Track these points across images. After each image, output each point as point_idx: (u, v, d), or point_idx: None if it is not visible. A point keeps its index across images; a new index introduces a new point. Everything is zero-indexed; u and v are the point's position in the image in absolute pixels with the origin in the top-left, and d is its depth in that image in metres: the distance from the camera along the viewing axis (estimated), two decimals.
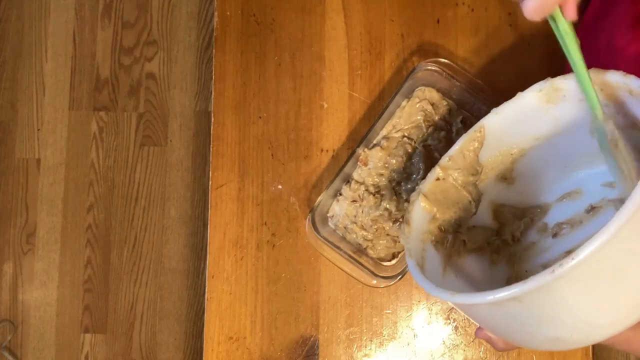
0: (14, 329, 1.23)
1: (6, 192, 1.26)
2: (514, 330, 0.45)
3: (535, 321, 0.42)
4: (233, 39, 0.72)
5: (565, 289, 0.39)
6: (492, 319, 0.46)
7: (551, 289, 0.39)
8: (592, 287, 0.40)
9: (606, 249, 0.37)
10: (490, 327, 0.48)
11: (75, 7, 1.29)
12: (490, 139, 0.57)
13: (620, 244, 0.38)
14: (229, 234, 0.70)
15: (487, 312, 0.45)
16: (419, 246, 0.56)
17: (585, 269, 0.38)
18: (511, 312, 0.43)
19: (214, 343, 0.69)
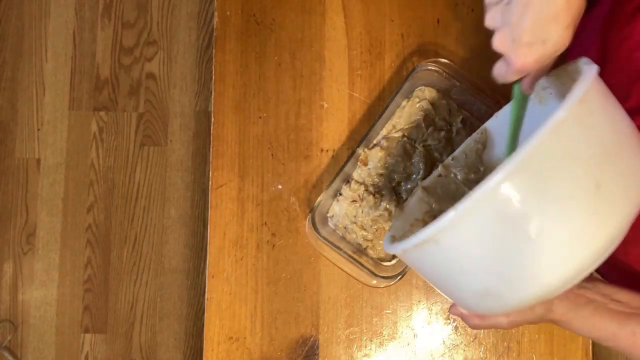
0: (14, 329, 1.23)
1: (6, 192, 1.26)
2: (443, 279, 0.46)
3: (455, 266, 0.43)
4: (233, 39, 0.72)
5: (475, 228, 0.39)
6: (425, 265, 0.46)
7: (460, 229, 0.40)
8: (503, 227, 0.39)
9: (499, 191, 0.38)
10: (427, 277, 0.48)
11: (75, 7, 1.29)
12: (493, 140, 0.59)
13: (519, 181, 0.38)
14: (229, 234, 0.70)
15: (418, 259, 0.46)
16: (405, 227, 0.57)
17: (487, 207, 0.38)
18: (434, 257, 0.43)
19: (214, 343, 0.69)
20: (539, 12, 0.43)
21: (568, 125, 0.39)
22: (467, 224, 0.39)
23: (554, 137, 0.38)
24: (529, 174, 0.38)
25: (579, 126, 0.39)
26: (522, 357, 0.68)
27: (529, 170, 0.38)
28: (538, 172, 0.38)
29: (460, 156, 0.60)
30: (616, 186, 0.40)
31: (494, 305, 0.43)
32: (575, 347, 0.67)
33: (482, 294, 0.43)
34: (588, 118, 0.40)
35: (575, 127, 0.39)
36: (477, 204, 0.38)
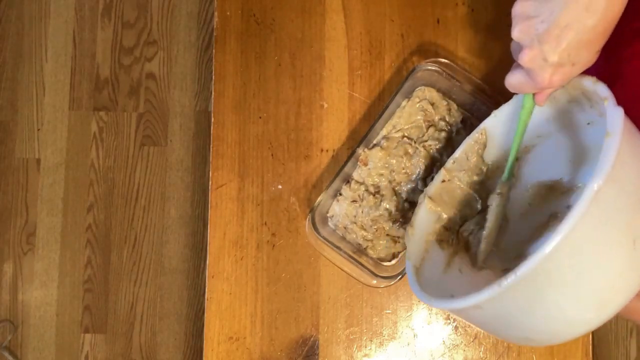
0: (14, 329, 1.23)
1: (6, 192, 1.26)
2: (489, 328, 0.50)
3: (500, 324, 0.46)
4: (233, 39, 0.72)
5: (514, 298, 0.42)
6: (471, 320, 0.50)
7: (502, 297, 0.42)
8: (541, 294, 0.42)
9: (547, 262, 0.40)
10: (474, 325, 0.53)
11: (75, 7, 1.29)
12: (493, 139, 0.59)
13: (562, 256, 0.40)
14: (229, 234, 0.70)
15: (463, 314, 0.49)
16: (421, 247, 0.58)
17: (528, 281, 0.41)
18: (479, 316, 0.47)
19: (214, 343, 0.69)
20: (577, 37, 0.43)
21: (604, 191, 0.39)
22: (511, 294, 0.42)
23: (593, 207, 0.39)
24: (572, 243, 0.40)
25: (614, 186, 0.40)
26: (522, 357, 0.68)
27: (570, 241, 0.39)
28: (577, 245, 0.40)
29: (461, 158, 0.60)
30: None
31: (535, 344, 0.51)
32: (575, 347, 0.67)
33: (525, 340, 0.48)
34: (621, 173, 0.41)
35: (610, 189, 0.40)
36: (519, 280, 0.40)
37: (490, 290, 0.41)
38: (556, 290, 0.41)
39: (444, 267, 0.58)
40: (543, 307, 0.42)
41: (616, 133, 0.41)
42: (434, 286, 0.55)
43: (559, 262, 0.40)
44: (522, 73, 0.48)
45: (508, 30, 0.47)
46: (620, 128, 0.41)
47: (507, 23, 0.72)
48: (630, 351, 1.18)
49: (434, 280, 0.56)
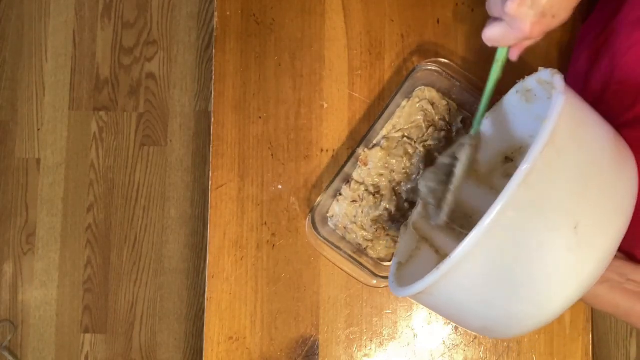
0: (14, 329, 1.23)
1: (6, 192, 1.26)
2: (448, 315, 0.50)
3: (455, 310, 0.46)
4: (233, 39, 0.72)
5: (455, 284, 0.42)
6: (428, 305, 0.50)
7: (442, 285, 0.42)
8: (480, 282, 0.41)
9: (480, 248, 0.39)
10: (434, 311, 0.51)
11: (75, 7, 1.29)
12: (486, 141, 0.59)
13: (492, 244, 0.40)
14: (229, 234, 0.70)
15: (421, 301, 0.49)
16: (412, 245, 0.59)
17: (466, 266, 0.40)
18: (434, 303, 0.47)
19: (214, 343, 0.69)
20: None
21: (537, 174, 0.39)
22: (451, 282, 0.42)
23: (523, 190, 0.39)
24: (504, 229, 0.39)
25: (548, 171, 0.40)
26: (522, 357, 0.68)
27: (502, 227, 0.39)
28: (513, 226, 0.39)
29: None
30: (593, 222, 0.41)
31: (491, 335, 0.47)
32: (576, 347, 0.67)
33: (483, 330, 0.47)
34: (558, 159, 0.40)
35: (544, 173, 0.40)
36: (456, 264, 0.40)
37: (430, 277, 0.42)
38: (495, 278, 0.41)
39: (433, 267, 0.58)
40: (486, 295, 0.42)
41: (550, 119, 0.41)
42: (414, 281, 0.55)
43: (494, 247, 0.40)
44: (502, 25, 0.48)
45: None
46: (556, 113, 0.41)
47: None
48: (630, 351, 1.18)
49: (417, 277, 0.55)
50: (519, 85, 0.55)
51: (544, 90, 0.52)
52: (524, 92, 0.55)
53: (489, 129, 0.59)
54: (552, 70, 0.48)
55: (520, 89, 0.55)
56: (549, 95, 0.51)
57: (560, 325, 0.68)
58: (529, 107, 0.55)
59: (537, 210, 0.40)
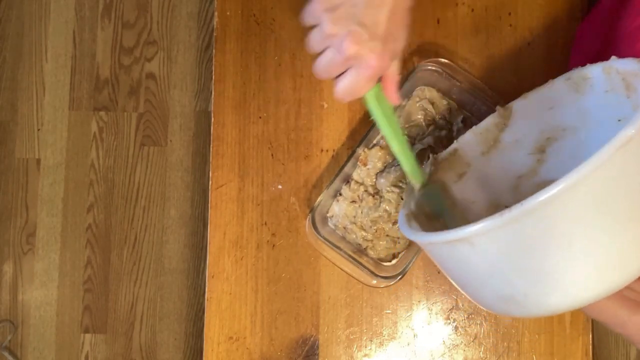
0: (14, 329, 1.23)
1: (6, 192, 1.26)
2: (468, 278, 0.44)
3: (486, 269, 0.41)
4: (233, 39, 0.72)
5: (514, 238, 0.37)
6: (450, 263, 0.45)
7: (500, 233, 0.38)
8: (542, 242, 0.37)
9: (558, 203, 0.35)
10: (449, 272, 0.47)
11: (75, 7, 1.29)
12: (517, 121, 0.57)
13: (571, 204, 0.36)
14: (229, 234, 0.70)
15: (445, 253, 0.44)
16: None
17: (535, 219, 0.36)
18: (463, 256, 0.41)
19: (214, 343, 0.69)
20: (392, 9, 0.43)
21: (634, 146, 0.36)
22: (509, 232, 0.37)
23: (619, 156, 0.35)
24: (585, 192, 0.36)
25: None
26: (522, 357, 0.68)
27: (585, 188, 0.36)
28: (594, 191, 0.36)
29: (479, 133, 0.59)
30: None
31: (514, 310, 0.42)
32: (575, 347, 0.67)
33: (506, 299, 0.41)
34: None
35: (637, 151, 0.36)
36: (525, 214, 0.36)
37: (490, 220, 0.37)
38: (557, 245, 0.37)
39: None
40: (537, 262, 0.38)
41: None
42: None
43: (567, 210, 0.36)
44: (350, 72, 0.45)
45: (508, 30, 0.47)
46: None
47: (508, 23, 0.72)
48: (630, 351, 1.18)
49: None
50: (573, 73, 0.52)
51: (606, 81, 0.49)
52: (579, 81, 0.51)
53: (522, 110, 0.57)
54: (637, 59, 0.45)
55: (574, 76, 0.52)
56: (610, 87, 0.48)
57: (560, 325, 0.68)
58: (576, 98, 0.52)
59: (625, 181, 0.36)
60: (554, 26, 0.70)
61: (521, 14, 0.71)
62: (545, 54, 0.70)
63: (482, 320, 0.68)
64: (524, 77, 0.70)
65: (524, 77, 0.70)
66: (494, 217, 0.37)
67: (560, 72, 0.53)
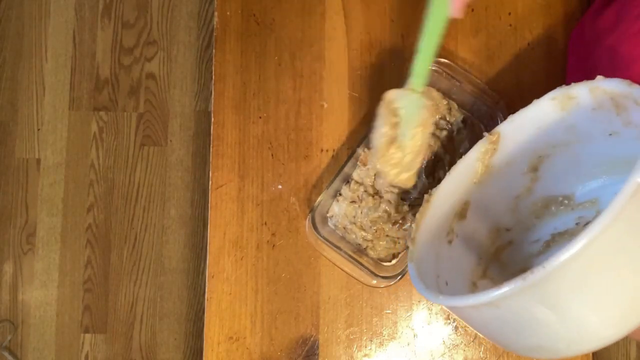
0: (14, 329, 1.23)
1: (6, 192, 1.26)
2: (497, 333, 0.46)
3: (514, 328, 0.42)
4: (233, 39, 0.72)
5: (539, 297, 0.39)
6: (477, 321, 0.46)
7: (524, 296, 0.39)
8: (567, 297, 0.39)
9: (580, 259, 0.37)
10: (477, 329, 0.48)
11: (75, 7, 1.29)
12: (506, 144, 0.57)
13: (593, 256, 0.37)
14: (229, 234, 0.70)
15: (471, 314, 0.45)
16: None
17: (558, 278, 0.38)
18: (490, 317, 0.43)
19: (214, 343, 0.69)
20: None
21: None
22: (534, 292, 0.39)
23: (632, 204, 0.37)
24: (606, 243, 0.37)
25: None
26: (522, 357, 0.68)
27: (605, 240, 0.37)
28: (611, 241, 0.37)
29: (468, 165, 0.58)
30: None
31: (542, 356, 0.44)
32: None
33: (533, 349, 0.43)
34: None
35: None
36: (547, 275, 0.37)
37: (513, 284, 0.38)
38: (581, 296, 0.39)
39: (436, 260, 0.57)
40: (566, 312, 0.39)
41: None
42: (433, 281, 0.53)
43: (590, 262, 0.37)
44: None
45: (508, 30, 0.47)
46: None
47: (508, 23, 0.72)
48: (630, 351, 1.18)
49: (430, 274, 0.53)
50: (557, 92, 0.52)
51: (593, 100, 0.49)
52: (564, 100, 0.52)
53: (510, 133, 0.57)
54: (626, 80, 0.45)
55: (558, 95, 0.52)
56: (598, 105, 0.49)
57: None
58: (563, 116, 0.52)
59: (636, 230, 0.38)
60: (554, 26, 0.70)
61: (521, 14, 0.71)
62: (545, 54, 0.70)
63: None
64: (524, 77, 0.70)
65: (524, 77, 0.70)
66: (517, 280, 0.38)
67: (560, 72, 0.53)
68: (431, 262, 0.55)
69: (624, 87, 0.46)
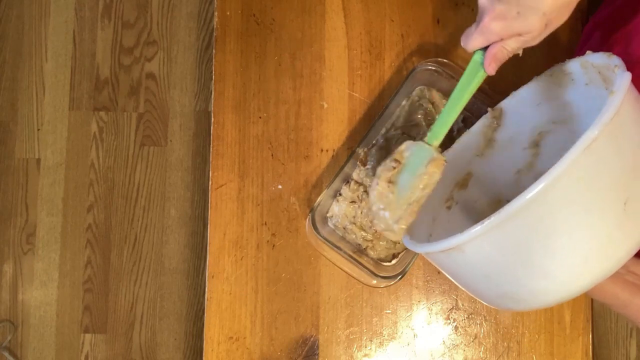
0: (14, 329, 1.23)
1: (6, 192, 1.26)
2: (469, 280, 0.47)
3: (482, 272, 0.44)
4: (233, 39, 0.72)
5: (499, 241, 0.41)
6: (450, 267, 0.48)
7: (486, 239, 0.41)
8: (528, 242, 0.40)
9: (537, 204, 0.38)
10: (451, 275, 0.50)
11: (75, 7, 1.29)
12: (508, 120, 0.59)
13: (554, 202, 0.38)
14: (229, 234, 0.70)
15: (444, 261, 0.47)
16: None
17: (513, 223, 0.39)
18: (460, 262, 0.45)
19: (214, 343, 0.69)
20: None
21: (600, 144, 0.38)
22: (493, 237, 0.41)
23: (586, 156, 0.38)
24: (560, 192, 0.38)
25: (611, 143, 0.39)
26: (522, 357, 0.68)
27: (559, 188, 0.38)
28: (567, 190, 0.39)
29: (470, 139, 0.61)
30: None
31: (514, 305, 0.45)
32: (575, 347, 0.67)
33: (502, 297, 0.44)
34: (620, 134, 0.40)
35: (607, 145, 0.39)
36: (506, 219, 0.39)
37: (474, 229, 0.40)
38: (541, 240, 0.40)
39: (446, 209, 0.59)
40: (526, 258, 0.41)
41: (620, 91, 0.40)
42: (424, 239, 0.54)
43: (546, 207, 0.39)
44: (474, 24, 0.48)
45: None
46: (624, 87, 0.41)
47: None
48: (630, 352, 1.18)
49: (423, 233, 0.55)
50: (554, 69, 0.54)
51: (585, 75, 0.51)
52: (560, 76, 0.54)
53: (512, 109, 0.59)
54: (607, 53, 0.47)
55: (555, 72, 0.54)
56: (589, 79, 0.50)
57: (560, 325, 0.68)
58: (560, 92, 0.54)
59: (592, 180, 0.39)
60: None
61: None
62: (545, 54, 0.70)
63: (482, 320, 0.68)
64: (524, 77, 0.70)
65: (524, 77, 0.70)
66: (477, 225, 0.40)
67: None
68: (426, 222, 0.57)
69: (605, 58, 0.47)
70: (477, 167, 0.61)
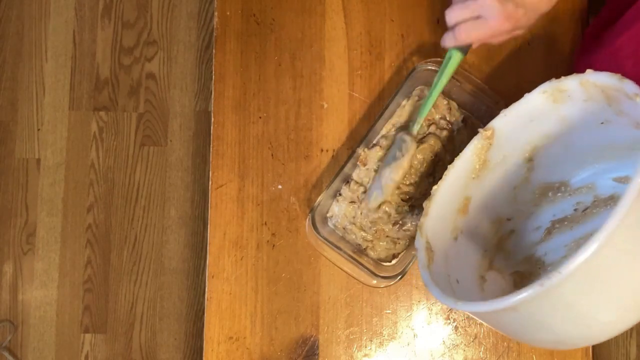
0: (14, 329, 1.23)
1: (6, 192, 1.26)
2: (516, 332, 0.48)
3: (533, 327, 0.45)
4: (233, 39, 0.72)
5: (556, 299, 0.41)
6: (496, 322, 0.48)
7: (542, 299, 0.41)
8: (582, 296, 0.41)
9: (592, 261, 0.39)
10: (495, 327, 0.50)
11: (75, 7, 1.29)
12: (501, 139, 0.58)
13: (606, 255, 0.39)
14: (229, 234, 0.70)
15: (490, 316, 0.48)
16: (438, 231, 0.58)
17: (573, 279, 0.40)
18: (509, 319, 0.45)
19: (214, 343, 0.69)
20: None
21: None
22: (550, 296, 0.41)
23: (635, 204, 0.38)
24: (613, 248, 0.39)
25: None
26: (522, 357, 0.68)
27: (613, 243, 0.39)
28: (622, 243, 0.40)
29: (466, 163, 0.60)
30: None
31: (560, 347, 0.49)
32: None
33: (551, 343, 0.47)
34: None
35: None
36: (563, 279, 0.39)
37: (531, 290, 0.40)
38: (595, 293, 0.41)
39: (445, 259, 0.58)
40: (581, 309, 0.42)
41: None
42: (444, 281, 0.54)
43: (602, 261, 0.39)
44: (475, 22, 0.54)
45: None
46: None
47: None
48: (630, 352, 1.18)
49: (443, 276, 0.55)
50: (547, 85, 0.53)
51: (584, 93, 0.50)
52: (555, 93, 0.53)
53: (504, 127, 0.58)
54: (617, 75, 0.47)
55: (549, 88, 0.53)
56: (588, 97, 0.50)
57: None
58: (555, 107, 0.54)
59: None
60: (554, 26, 0.70)
61: None
62: (545, 54, 0.70)
63: None
64: (524, 77, 0.70)
65: (524, 77, 0.70)
66: (534, 286, 0.40)
67: (561, 72, 0.53)
68: (440, 263, 0.56)
69: (615, 81, 0.47)
70: (474, 190, 0.60)
